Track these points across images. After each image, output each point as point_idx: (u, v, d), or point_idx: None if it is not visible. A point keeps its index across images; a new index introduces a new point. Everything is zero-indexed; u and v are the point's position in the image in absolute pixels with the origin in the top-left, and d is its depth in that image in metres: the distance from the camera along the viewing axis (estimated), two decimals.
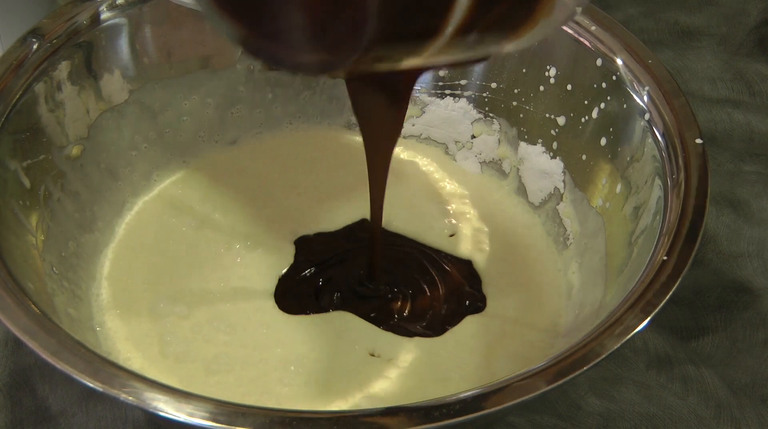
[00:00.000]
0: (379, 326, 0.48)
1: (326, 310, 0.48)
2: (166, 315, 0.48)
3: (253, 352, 0.46)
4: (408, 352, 0.47)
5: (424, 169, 0.58)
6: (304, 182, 0.56)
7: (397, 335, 0.47)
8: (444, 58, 0.32)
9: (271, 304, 0.49)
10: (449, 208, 0.55)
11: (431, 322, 0.48)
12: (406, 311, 0.49)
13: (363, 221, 0.53)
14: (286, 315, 0.48)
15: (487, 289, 0.51)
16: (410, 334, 0.47)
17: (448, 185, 0.57)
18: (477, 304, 0.49)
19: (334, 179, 0.56)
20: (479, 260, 0.52)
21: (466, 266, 0.52)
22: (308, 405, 0.44)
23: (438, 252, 0.52)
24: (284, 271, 0.50)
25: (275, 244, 0.52)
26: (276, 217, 0.54)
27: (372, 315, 0.48)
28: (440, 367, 0.46)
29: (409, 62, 0.32)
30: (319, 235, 0.53)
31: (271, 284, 0.50)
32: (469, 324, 0.48)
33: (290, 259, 0.51)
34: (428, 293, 0.50)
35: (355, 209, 0.54)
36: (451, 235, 0.53)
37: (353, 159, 0.57)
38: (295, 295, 0.49)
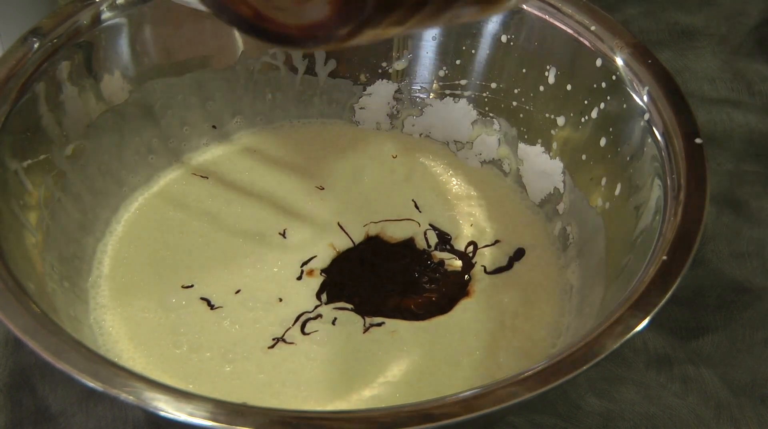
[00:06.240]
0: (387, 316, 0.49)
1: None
2: (177, 307, 0.48)
3: (270, 340, 0.47)
4: (418, 335, 0.48)
5: (425, 167, 0.58)
6: (305, 181, 0.56)
7: (406, 320, 0.49)
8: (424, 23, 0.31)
9: (284, 294, 0.49)
10: (450, 207, 0.55)
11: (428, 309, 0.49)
12: (411, 304, 0.50)
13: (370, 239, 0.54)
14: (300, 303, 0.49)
15: (489, 284, 0.51)
16: (410, 317, 0.49)
17: (449, 184, 0.57)
18: (464, 289, 0.50)
19: (338, 179, 0.56)
20: (480, 257, 0.52)
21: (466, 263, 0.52)
22: (329, 389, 0.45)
23: (438, 251, 0.53)
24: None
25: (280, 239, 0.52)
26: (278, 215, 0.54)
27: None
28: (450, 351, 0.47)
29: (395, 30, 0.30)
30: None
31: (282, 270, 0.50)
32: (472, 313, 0.49)
33: (293, 250, 0.52)
34: (427, 287, 0.51)
35: (357, 213, 0.54)
36: (452, 235, 0.54)
37: (356, 157, 0.58)
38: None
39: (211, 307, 0.48)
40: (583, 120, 0.52)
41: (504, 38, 0.54)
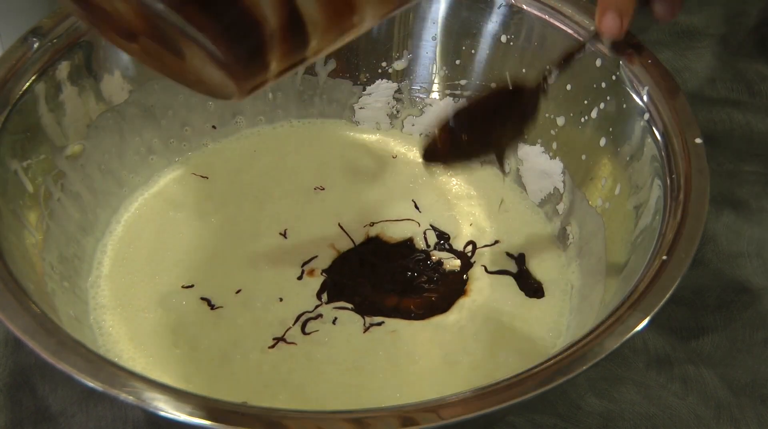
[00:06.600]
0: (390, 316, 0.49)
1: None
2: (177, 307, 0.48)
3: (270, 340, 0.47)
4: (418, 335, 0.48)
5: (425, 167, 0.58)
6: (305, 181, 0.56)
7: (405, 320, 0.49)
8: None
9: (284, 294, 0.49)
10: (450, 207, 0.55)
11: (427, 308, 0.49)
12: (411, 304, 0.50)
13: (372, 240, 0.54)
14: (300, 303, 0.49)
15: (488, 284, 0.51)
16: (410, 317, 0.49)
17: (449, 184, 0.57)
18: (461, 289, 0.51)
19: (338, 179, 0.56)
20: (480, 257, 0.52)
21: (465, 263, 0.52)
22: (329, 389, 0.45)
23: (437, 250, 0.53)
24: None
25: (280, 239, 0.52)
26: (279, 215, 0.54)
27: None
28: (449, 350, 0.47)
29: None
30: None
31: (282, 270, 0.51)
32: (471, 313, 0.49)
33: (293, 250, 0.52)
34: (427, 287, 0.51)
35: (360, 215, 0.54)
36: (452, 235, 0.54)
37: (356, 157, 0.58)
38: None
39: (211, 307, 0.48)
40: (583, 120, 0.52)
41: (504, 38, 0.54)
